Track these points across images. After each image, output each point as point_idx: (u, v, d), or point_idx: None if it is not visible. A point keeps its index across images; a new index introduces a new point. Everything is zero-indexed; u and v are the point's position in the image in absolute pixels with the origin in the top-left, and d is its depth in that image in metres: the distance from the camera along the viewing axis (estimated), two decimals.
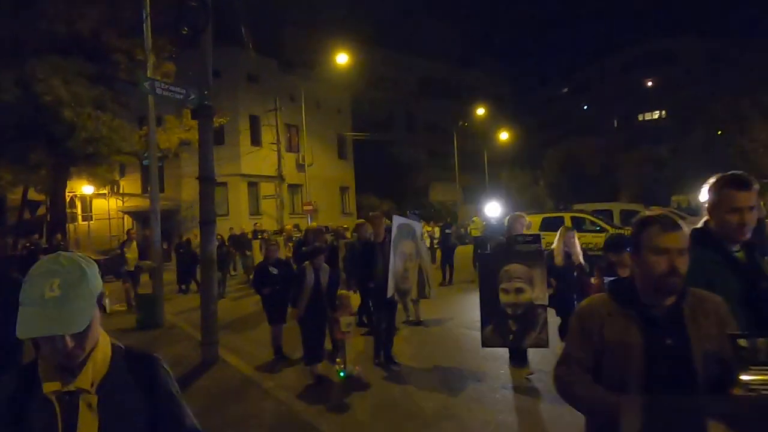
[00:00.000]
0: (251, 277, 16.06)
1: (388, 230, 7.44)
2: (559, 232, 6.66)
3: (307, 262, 6.66)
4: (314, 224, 18.23)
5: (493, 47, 74.86)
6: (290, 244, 13.97)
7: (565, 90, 72.98)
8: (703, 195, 2.44)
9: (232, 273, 17.99)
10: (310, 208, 28.36)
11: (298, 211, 31.08)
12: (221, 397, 6.13)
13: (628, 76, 60.06)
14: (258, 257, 14.20)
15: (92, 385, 1.43)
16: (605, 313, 1.97)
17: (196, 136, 17.69)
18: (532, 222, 16.25)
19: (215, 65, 8.14)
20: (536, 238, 5.82)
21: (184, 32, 7.71)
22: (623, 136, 56.83)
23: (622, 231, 15.92)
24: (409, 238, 7.42)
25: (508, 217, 6.75)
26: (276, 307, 7.49)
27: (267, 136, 29.26)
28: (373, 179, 38.03)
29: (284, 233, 16.66)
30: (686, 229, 1.93)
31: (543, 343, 5.67)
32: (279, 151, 28.44)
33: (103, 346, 1.50)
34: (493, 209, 16.76)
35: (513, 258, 5.69)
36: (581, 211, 16.78)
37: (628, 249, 4.19)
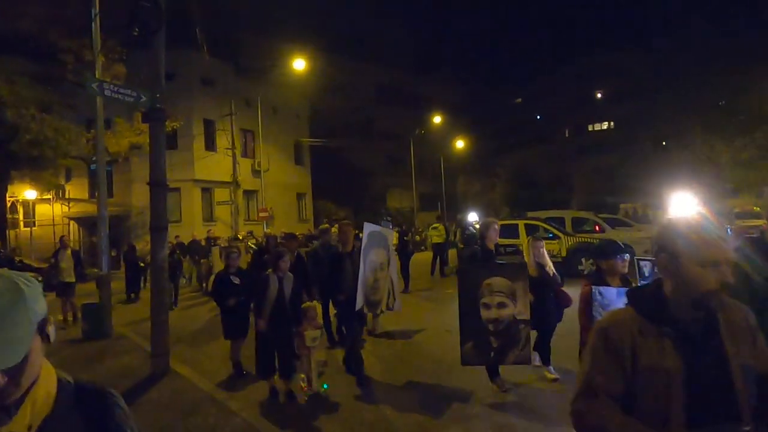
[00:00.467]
0: (205, 285, 15.65)
1: (358, 238, 7.20)
2: (527, 243, 6.43)
3: (270, 270, 6.26)
4: (270, 230, 17.84)
5: (449, 57, 75.88)
6: (247, 253, 13.51)
7: (519, 100, 74.65)
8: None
9: (183, 282, 17.45)
10: (266, 214, 27.97)
11: (254, 217, 30.59)
12: (172, 411, 5.92)
13: (579, 88, 61.94)
14: (219, 266, 13.47)
15: (30, 429, 1.22)
16: (636, 330, 1.66)
17: (147, 140, 17.29)
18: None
19: (168, 68, 7.93)
20: (517, 249, 5.78)
21: (136, 33, 7.46)
22: (574, 146, 58.61)
23: (575, 238, 16.37)
24: (381, 247, 6.98)
25: (480, 223, 6.55)
26: (237, 320, 7.11)
27: (222, 141, 28.73)
28: (330, 186, 37.90)
29: (244, 240, 16.17)
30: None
31: (525, 360, 5.47)
32: (234, 156, 27.95)
33: (45, 382, 1.27)
34: (471, 217, 16.68)
35: (494, 271, 5.43)
36: (535, 219, 17.10)
37: (618, 257, 4.03)
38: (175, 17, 9.10)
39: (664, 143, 34.81)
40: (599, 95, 62.25)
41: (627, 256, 4.09)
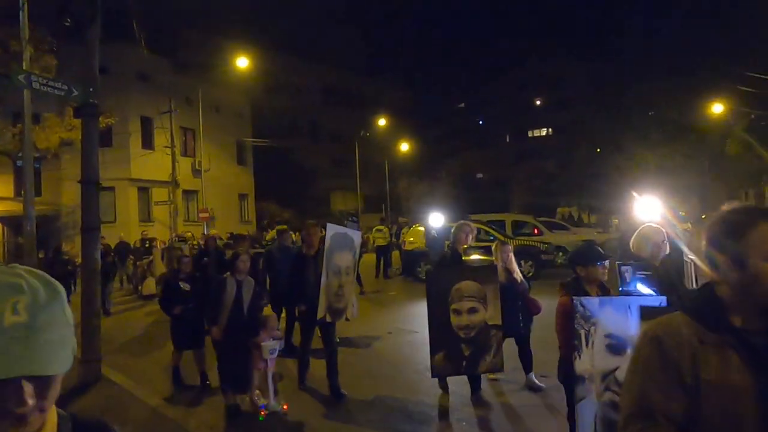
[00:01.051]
0: (140, 289, 15.01)
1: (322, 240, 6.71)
2: (494, 247, 6.11)
3: (228, 273, 5.73)
4: (213, 231, 17.24)
5: (395, 61, 76.52)
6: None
7: (462, 105, 76.08)
8: None
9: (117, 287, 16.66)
10: (207, 215, 27.27)
11: (194, 218, 29.78)
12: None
13: (520, 95, 63.76)
14: (160, 268, 12.57)
15: None
16: (695, 340, 1.41)
17: (79, 135, 16.47)
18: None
19: (103, 61, 7.58)
20: (488, 252, 5.46)
21: (68, 23, 7.10)
22: (514, 151, 60.22)
23: (515, 240, 16.78)
24: (346, 249, 6.39)
25: (454, 226, 6.04)
26: (188, 330, 6.49)
27: (160, 139, 27.77)
28: (273, 187, 37.35)
29: (189, 242, 15.37)
30: None
31: (498, 368, 5.21)
32: (173, 155, 27.06)
33: (52, 416, 1.04)
34: (436, 219, 15.93)
35: (465, 274, 5.15)
36: (476, 221, 17.41)
37: (600, 263, 3.72)
38: (111, 8, 8.71)
39: (598, 150, 36.23)
40: (539, 102, 64.29)
41: (607, 262, 3.84)
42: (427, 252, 16.63)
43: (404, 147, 51.53)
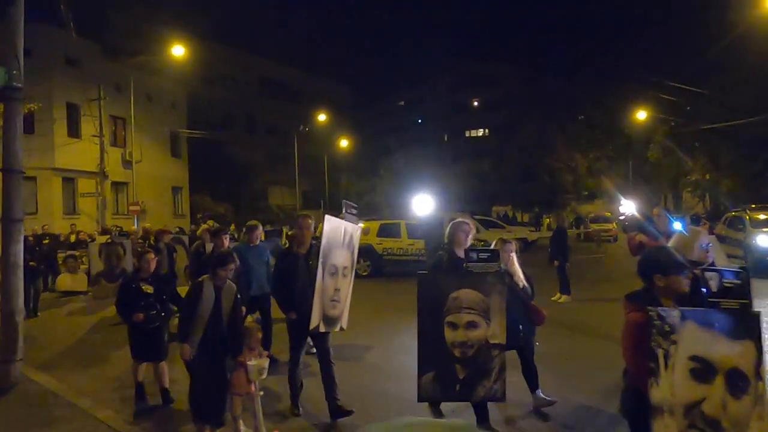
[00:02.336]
0: (52, 285, 13.94)
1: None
2: (494, 245, 5.27)
3: (205, 276, 4.76)
4: (148, 225, 16.51)
5: (335, 56, 76.05)
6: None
7: (402, 103, 76.71)
8: None
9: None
10: (138, 208, 26.21)
11: (123, 211, 28.55)
12: (25, 424, 5.33)
13: (456, 95, 64.95)
14: (97, 266, 11.24)
15: None
16: None
17: None
18: (370, 228, 16.83)
19: (26, 43, 7.10)
20: (495, 255, 4.37)
21: None
22: (452, 150, 61.31)
23: None
24: (343, 247, 5.45)
25: (449, 225, 5.15)
26: (150, 339, 5.64)
27: (88, 127, 26.41)
28: (209, 180, 36.36)
29: (131, 236, 13.29)
30: None
31: (498, 396, 4.27)
32: (102, 144, 25.80)
33: None
34: (423, 205, 13.43)
35: (465, 281, 4.25)
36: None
37: (683, 272, 2.99)
38: None
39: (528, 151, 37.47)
40: (476, 103, 65.75)
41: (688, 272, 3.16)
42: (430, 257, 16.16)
43: (344, 143, 51.37)
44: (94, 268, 10.47)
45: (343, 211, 5.67)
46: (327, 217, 5.35)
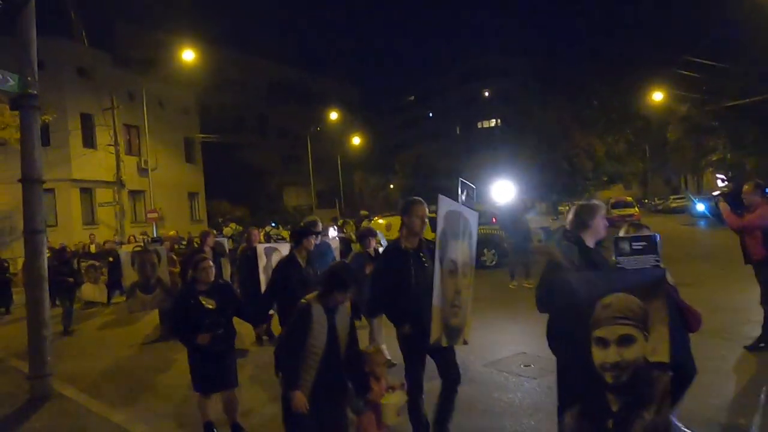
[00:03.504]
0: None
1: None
2: (623, 231, 3.75)
3: (312, 297, 3.52)
4: (171, 233, 16.18)
5: (343, 55, 75.83)
6: (175, 257, 10.28)
7: (412, 98, 76.38)
8: None
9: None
10: (156, 215, 26.21)
11: (141, 219, 28.55)
12: None
13: (467, 87, 64.45)
14: (131, 277, 9.50)
15: None
16: None
17: (11, 134, 15.32)
18: (392, 224, 16.54)
19: (39, 56, 6.92)
20: (652, 243, 3.18)
21: None
22: (464, 142, 60.83)
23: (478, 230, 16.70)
24: (462, 238, 4.35)
25: (580, 206, 3.70)
26: (217, 365, 4.63)
27: (103, 137, 26.45)
28: (224, 184, 36.37)
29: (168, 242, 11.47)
30: None
31: (663, 430, 3.12)
32: (117, 153, 25.83)
33: None
34: (504, 192, 12.87)
35: (617, 281, 3.13)
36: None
37: None
38: (47, 1, 8.04)
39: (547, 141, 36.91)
40: (486, 94, 65.18)
41: None
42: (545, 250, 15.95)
43: (356, 141, 51.25)
44: (128, 278, 9.36)
45: (461, 193, 4.49)
46: (441, 198, 4.12)
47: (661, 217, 32.93)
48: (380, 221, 18.18)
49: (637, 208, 30.75)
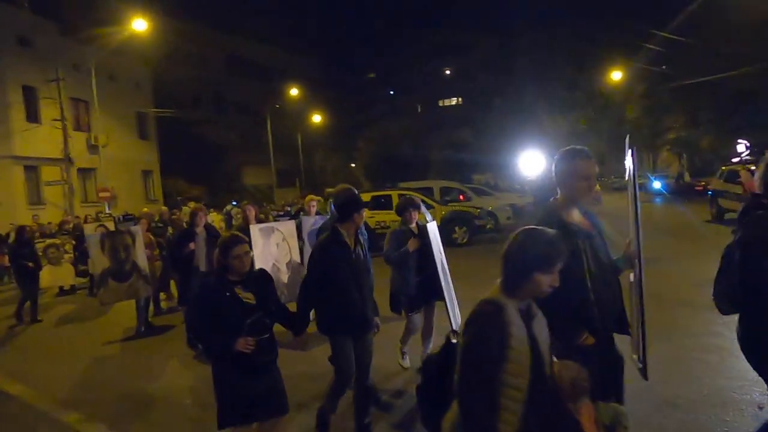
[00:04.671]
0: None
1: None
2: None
3: (500, 296, 2.08)
4: (145, 209, 15.24)
5: (303, 30, 73.86)
6: (152, 237, 9.15)
7: (372, 75, 75.32)
8: None
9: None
10: (108, 194, 24.87)
11: (92, 198, 27.15)
12: None
13: (428, 66, 63.85)
14: (102, 263, 7.96)
15: None
16: None
17: None
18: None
19: None
20: None
21: None
22: (426, 120, 60.55)
23: (448, 207, 16.44)
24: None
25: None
26: (261, 382, 3.38)
27: (48, 111, 24.85)
28: (180, 162, 34.95)
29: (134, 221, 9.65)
30: None
31: None
32: (64, 129, 24.33)
33: None
34: (534, 165, 11.55)
35: None
36: (406, 189, 16.90)
37: None
38: None
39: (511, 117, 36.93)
40: (448, 72, 64.78)
41: None
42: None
43: (317, 119, 50.28)
44: (98, 264, 7.92)
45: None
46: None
47: (619, 194, 33.50)
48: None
49: (599, 186, 31.14)
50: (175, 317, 8.72)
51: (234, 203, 26.60)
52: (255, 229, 6.69)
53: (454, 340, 2.23)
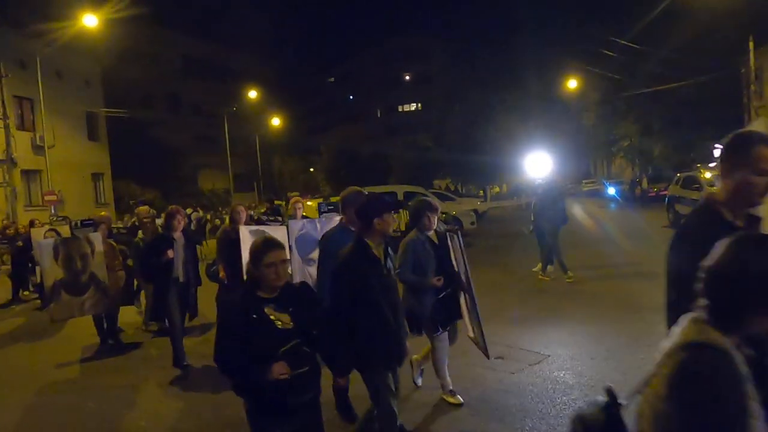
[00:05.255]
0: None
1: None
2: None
3: (716, 333, 1.44)
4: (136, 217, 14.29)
5: (260, 32, 72.64)
6: (115, 244, 7.77)
7: (331, 80, 74.87)
8: None
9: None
10: (54, 198, 23.62)
11: (37, 202, 25.73)
12: None
13: (387, 70, 63.93)
14: (55, 273, 6.93)
15: None
16: None
17: None
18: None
19: None
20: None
21: None
22: (386, 125, 60.56)
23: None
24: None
25: None
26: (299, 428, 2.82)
27: None
28: (132, 165, 33.65)
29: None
30: None
31: None
32: (7, 128, 22.95)
33: None
34: (539, 167, 10.97)
35: None
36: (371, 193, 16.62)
37: None
38: None
39: (472, 123, 37.14)
40: (407, 77, 65.01)
41: None
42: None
43: (275, 122, 49.53)
44: (49, 275, 6.95)
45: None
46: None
47: (576, 200, 34.14)
48: (309, 203, 17.29)
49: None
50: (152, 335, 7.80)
51: (195, 210, 25.75)
52: (245, 231, 6.11)
53: (622, 401, 1.58)
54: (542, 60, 34.58)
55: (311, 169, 52.95)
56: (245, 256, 5.50)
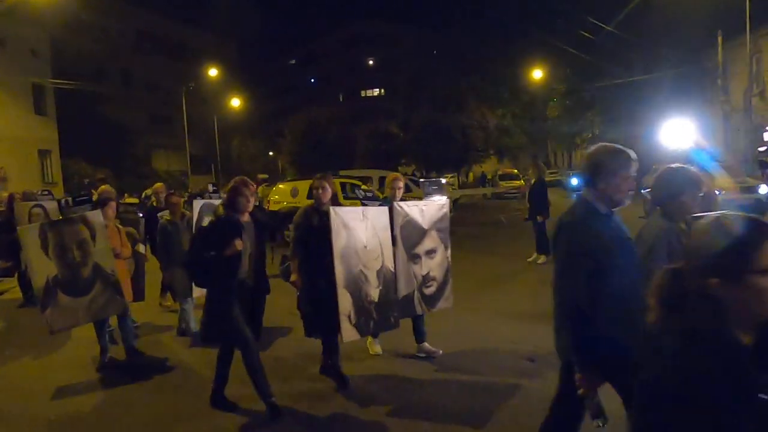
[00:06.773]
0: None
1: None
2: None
3: None
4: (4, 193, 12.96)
5: (221, 11, 70.09)
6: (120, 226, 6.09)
7: (293, 62, 73.21)
8: None
9: None
10: None
11: None
12: None
13: (351, 54, 62.83)
14: (40, 262, 5.11)
15: None
16: None
17: None
18: (298, 188, 14.82)
19: None
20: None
21: None
22: (349, 110, 59.54)
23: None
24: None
25: None
26: None
27: None
28: (83, 142, 31.73)
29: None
30: None
31: None
32: None
33: None
34: (678, 134, 11.51)
35: None
36: (347, 177, 15.89)
37: None
38: None
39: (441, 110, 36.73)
40: (371, 62, 64.05)
41: None
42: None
43: (235, 103, 47.84)
44: (40, 272, 5.17)
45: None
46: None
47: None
48: (281, 186, 16.41)
49: (523, 180, 31.59)
50: (176, 341, 6.09)
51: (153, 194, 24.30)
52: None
53: None
54: (509, 50, 34.43)
55: (270, 153, 51.65)
56: (336, 249, 4.23)
